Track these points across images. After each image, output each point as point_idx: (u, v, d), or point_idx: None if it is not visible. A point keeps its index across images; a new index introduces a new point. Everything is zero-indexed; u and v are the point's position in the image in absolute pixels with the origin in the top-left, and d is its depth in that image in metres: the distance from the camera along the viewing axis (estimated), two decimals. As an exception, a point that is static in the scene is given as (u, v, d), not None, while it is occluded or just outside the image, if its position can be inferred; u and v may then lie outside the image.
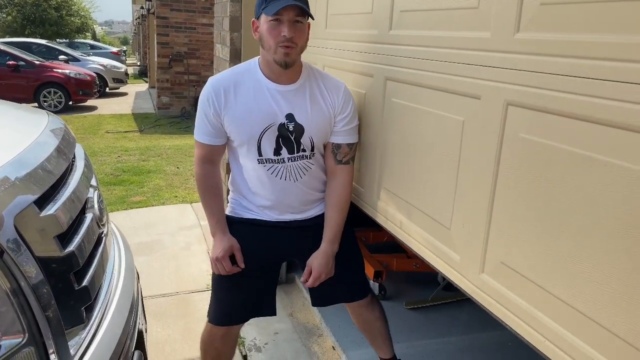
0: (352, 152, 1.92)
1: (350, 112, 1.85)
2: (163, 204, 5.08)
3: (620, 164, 0.97)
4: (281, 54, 1.67)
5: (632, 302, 0.96)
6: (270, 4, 1.65)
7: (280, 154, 1.80)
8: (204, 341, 2.04)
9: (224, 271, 1.88)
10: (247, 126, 1.77)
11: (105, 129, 9.18)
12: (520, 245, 1.23)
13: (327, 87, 1.83)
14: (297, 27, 1.67)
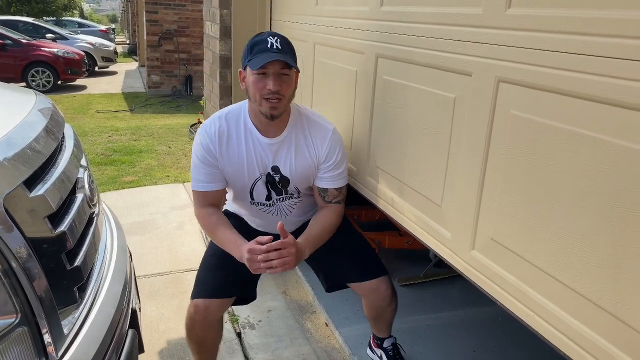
0: (341, 194, 1.91)
1: (335, 160, 1.83)
2: (155, 184, 5.06)
3: (609, 140, 0.98)
4: (267, 107, 1.67)
5: (619, 277, 0.97)
6: (256, 56, 1.64)
7: (270, 198, 1.91)
8: (186, 326, 2.03)
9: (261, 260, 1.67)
10: (239, 179, 1.85)
11: (95, 109, 9.09)
12: (510, 221, 1.24)
13: (312, 136, 1.82)
14: (283, 80, 1.67)
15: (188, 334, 2.03)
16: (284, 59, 1.62)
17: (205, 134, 1.79)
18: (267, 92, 1.64)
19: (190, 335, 2.03)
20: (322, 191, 1.89)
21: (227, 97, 3.03)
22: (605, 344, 1.01)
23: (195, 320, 1.96)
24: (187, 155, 6.15)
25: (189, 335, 2.04)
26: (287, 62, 1.63)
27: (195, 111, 8.74)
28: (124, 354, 1.58)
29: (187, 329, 2.02)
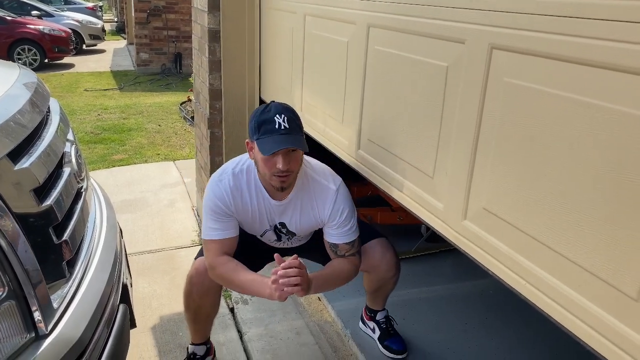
0: (353, 247, 1.91)
1: (340, 219, 1.84)
2: (145, 162, 5.02)
3: (604, 105, 0.96)
4: (277, 182, 1.73)
5: (613, 243, 0.97)
6: (264, 138, 1.64)
7: (280, 239, 2.02)
8: (185, 292, 2.04)
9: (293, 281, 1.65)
10: (249, 228, 1.94)
11: (84, 87, 8.96)
12: (503, 190, 1.23)
13: (316, 198, 1.84)
14: (292, 157, 1.68)
15: (186, 301, 2.04)
16: (293, 144, 1.64)
17: (221, 187, 1.81)
18: (277, 170, 1.67)
19: (187, 303, 2.04)
20: (332, 246, 1.90)
21: (217, 72, 2.98)
22: (597, 310, 1.01)
23: (193, 283, 1.97)
24: (177, 134, 6.10)
25: (186, 303, 2.05)
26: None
27: (185, 89, 8.64)
28: (116, 329, 1.57)
29: (186, 296, 2.03)
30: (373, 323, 2.42)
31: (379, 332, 2.39)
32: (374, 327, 2.42)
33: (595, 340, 1.03)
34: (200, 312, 2.06)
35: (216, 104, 3.06)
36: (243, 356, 2.38)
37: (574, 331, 1.07)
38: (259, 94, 3.07)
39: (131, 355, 2.35)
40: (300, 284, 1.62)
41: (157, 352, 2.40)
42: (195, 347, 2.19)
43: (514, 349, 2.40)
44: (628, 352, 0.97)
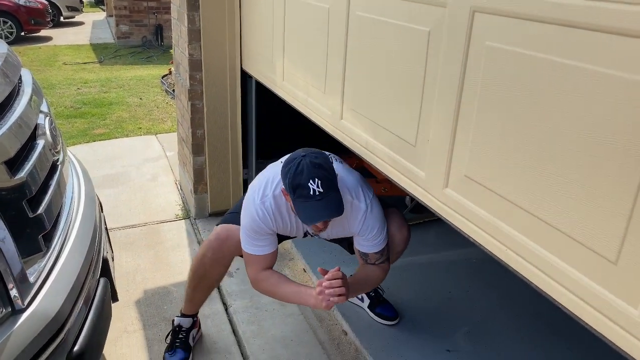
0: (383, 256, 1.93)
1: (371, 235, 1.86)
2: (127, 136, 4.94)
3: (584, 66, 0.95)
4: (315, 230, 1.86)
5: (591, 207, 0.97)
6: (300, 204, 1.63)
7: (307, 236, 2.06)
8: (196, 257, 2.04)
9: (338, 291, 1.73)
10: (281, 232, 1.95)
11: (63, 61, 8.74)
12: (484, 157, 1.22)
13: (348, 217, 1.83)
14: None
15: (196, 265, 2.04)
16: (330, 214, 1.63)
17: (264, 210, 1.82)
18: (316, 227, 1.79)
19: (196, 267, 2.04)
20: (363, 255, 1.93)
21: (196, 42, 2.91)
22: (576, 274, 1.02)
23: (211, 247, 1.99)
24: (159, 107, 6.00)
25: (195, 267, 2.05)
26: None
27: (167, 61, 8.48)
28: (96, 302, 1.56)
29: (197, 260, 2.03)
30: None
31: (369, 300, 2.41)
32: (362, 297, 2.43)
33: (574, 304, 1.04)
34: (205, 279, 2.07)
35: (196, 75, 2.99)
36: (228, 328, 2.39)
37: (554, 295, 1.08)
38: (241, 64, 3.01)
39: (115, 329, 2.35)
40: (344, 293, 1.70)
41: (142, 325, 2.39)
42: (182, 319, 2.19)
43: (498, 315, 2.44)
44: (606, 315, 0.97)
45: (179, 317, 2.20)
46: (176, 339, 2.16)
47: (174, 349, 2.13)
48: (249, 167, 3.38)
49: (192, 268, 2.08)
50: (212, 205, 3.32)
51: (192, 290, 2.12)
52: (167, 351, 2.15)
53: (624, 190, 0.90)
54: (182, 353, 2.13)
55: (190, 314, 2.20)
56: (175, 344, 2.15)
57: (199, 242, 3.10)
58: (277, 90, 2.54)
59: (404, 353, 2.19)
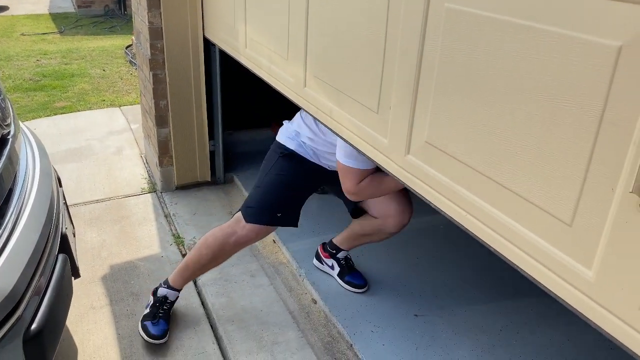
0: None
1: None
2: (90, 109, 4.80)
3: (543, 27, 0.93)
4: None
5: (548, 170, 0.97)
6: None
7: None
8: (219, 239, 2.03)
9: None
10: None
11: (21, 31, 8.39)
12: (444, 123, 1.21)
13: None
14: None
15: (219, 246, 2.03)
16: None
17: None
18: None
19: (218, 249, 2.04)
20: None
21: (156, 9, 2.81)
22: (533, 237, 1.02)
23: (237, 242, 2.01)
24: (123, 78, 5.83)
25: (218, 248, 2.04)
26: None
27: (131, 31, 8.21)
28: (55, 279, 1.52)
29: (220, 243, 2.03)
30: (332, 260, 2.44)
31: (339, 268, 2.42)
32: (333, 264, 2.44)
33: (531, 267, 1.05)
34: (217, 263, 2.10)
35: (157, 43, 2.90)
36: (197, 301, 2.38)
37: (512, 259, 1.09)
38: (203, 31, 2.92)
39: (81, 305, 2.31)
40: None
41: (109, 301, 2.36)
42: (169, 291, 2.17)
43: (465, 279, 2.48)
44: (562, 277, 0.98)
45: (166, 288, 2.17)
46: (160, 310, 2.14)
47: (157, 319, 2.11)
48: (215, 138, 3.32)
49: (210, 253, 2.05)
50: (178, 178, 3.26)
51: (200, 269, 2.12)
52: (149, 320, 2.12)
53: (578, 153, 0.90)
54: (164, 324, 2.12)
55: (179, 288, 2.18)
56: (159, 314, 2.13)
57: (166, 216, 3.05)
58: (240, 58, 2.48)
59: (372, 319, 2.22)
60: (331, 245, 2.46)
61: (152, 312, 2.14)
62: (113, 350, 2.08)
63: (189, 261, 2.12)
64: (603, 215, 0.88)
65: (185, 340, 2.14)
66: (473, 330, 2.17)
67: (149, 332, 2.08)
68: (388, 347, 2.08)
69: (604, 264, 0.90)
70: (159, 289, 2.18)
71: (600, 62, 0.85)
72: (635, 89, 0.80)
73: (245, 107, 3.62)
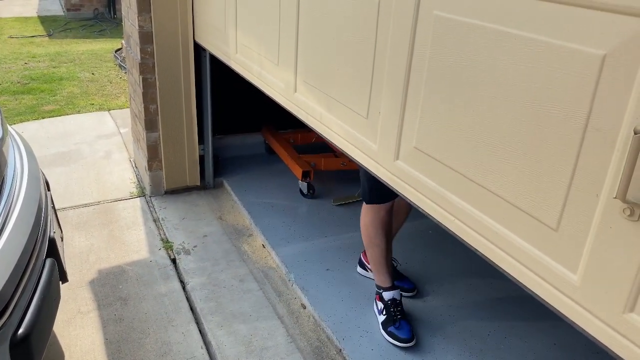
0: None
1: None
2: (79, 112, 4.77)
3: (529, 36, 0.95)
4: None
5: (535, 176, 0.98)
6: None
7: None
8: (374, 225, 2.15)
9: None
10: None
11: (8, 34, 8.32)
12: (432, 129, 1.22)
13: None
14: None
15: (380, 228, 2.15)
16: None
17: None
18: None
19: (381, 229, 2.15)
20: None
21: (147, 13, 2.81)
22: (519, 241, 1.04)
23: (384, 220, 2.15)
24: (112, 82, 5.80)
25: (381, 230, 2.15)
26: None
27: (120, 35, 8.18)
28: (42, 283, 1.51)
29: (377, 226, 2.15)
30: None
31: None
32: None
33: (518, 271, 1.06)
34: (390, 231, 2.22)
35: (147, 47, 2.89)
36: (186, 306, 2.37)
37: (499, 263, 1.10)
38: (193, 36, 2.92)
39: (69, 310, 2.30)
40: None
41: (97, 305, 2.34)
42: (390, 293, 2.20)
43: (452, 283, 2.49)
44: (548, 281, 1.00)
45: (386, 291, 2.19)
46: (396, 312, 2.16)
47: (397, 322, 2.13)
48: (205, 142, 3.31)
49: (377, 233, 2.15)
50: (167, 183, 3.25)
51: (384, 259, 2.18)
52: (391, 325, 2.14)
53: (563, 159, 0.92)
54: (405, 324, 2.14)
55: (391, 284, 2.21)
56: (397, 317, 2.15)
57: (155, 220, 3.04)
58: (231, 63, 2.48)
59: (361, 324, 2.22)
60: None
61: (389, 317, 2.16)
62: (100, 355, 2.06)
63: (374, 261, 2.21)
64: (588, 221, 0.90)
65: (174, 345, 2.13)
66: (461, 335, 2.19)
67: (399, 337, 2.10)
68: (377, 351, 2.09)
69: (589, 268, 0.91)
70: (382, 294, 2.20)
71: (585, 70, 0.86)
72: (618, 97, 0.82)
73: (235, 112, 3.63)
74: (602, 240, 0.88)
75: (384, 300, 2.20)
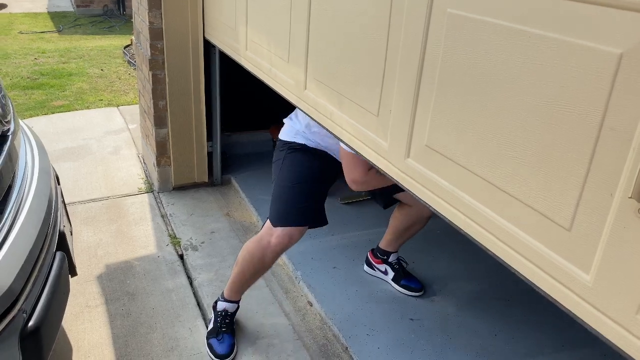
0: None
1: None
2: (87, 108, 4.79)
3: (545, 34, 0.94)
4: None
5: (548, 175, 0.98)
6: None
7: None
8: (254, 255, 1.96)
9: None
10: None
11: (19, 29, 8.37)
12: (444, 127, 1.22)
13: None
14: None
15: (258, 260, 1.95)
16: None
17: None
18: None
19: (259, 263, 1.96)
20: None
21: (157, 9, 2.81)
22: (532, 241, 1.03)
23: (275, 251, 1.91)
24: (120, 78, 5.82)
25: (258, 262, 1.96)
26: None
27: (129, 31, 8.22)
28: (52, 277, 1.52)
29: (258, 258, 1.94)
30: (385, 265, 2.45)
31: (393, 273, 2.42)
32: (386, 269, 2.44)
33: (530, 271, 1.05)
34: (263, 272, 2.03)
35: (157, 44, 2.90)
36: (193, 301, 2.38)
37: (511, 263, 1.09)
38: (203, 32, 2.93)
39: (77, 304, 2.31)
40: None
41: (104, 300, 2.35)
42: (227, 304, 2.12)
43: (461, 283, 2.49)
44: (560, 281, 0.99)
45: (223, 301, 2.13)
46: (222, 324, 2.10)
47: (221, 334, 2.08)
48: (213, 139, 3.32)
49: (248, 264, 1.99)
50: (175, 179, 3.26)
51: (247, 281, 2.06)
52: (214, 336, 2.09)
53: (577, 158, 0.91)
54: (229, 338, 2.08)
55: (236, 300, 2.13)
56: (222, 329, 2.09)
57: (162, 216, 3.05)
58: (240, 60, 2.48)
59: (368, 323, 2.22)
60: (380, 251, 2.46)
61: (215, 328, 2.11)
62: (108, 350, 2.08)
63: (234, 277, 2.07)
64: (602, 221, 0.89)
65: (181, 341, 2.14)
66: (468, 335, 2.18)
67: (215, 351, 2.05)
68: (383, 350, 2.09)
69: (602, 269, 0.90)
70: (217, 303, 2.14)
71: (601, 69, 0.86)
72: (635, 96, 0.81)
73: (244, 109, 3.63)
74: (616, 241, 0.87)
75: (217, 310, 2.13)
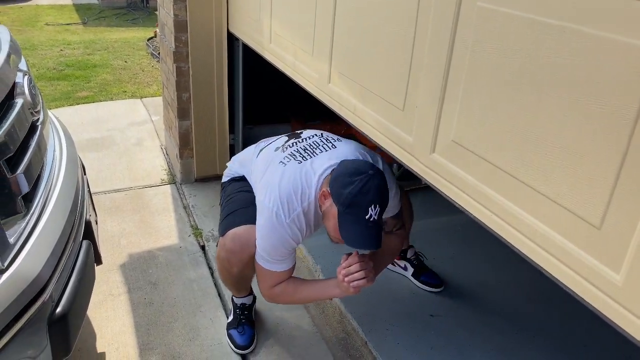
0: (399, 221, 1.93)
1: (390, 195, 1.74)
2: (111, 99, 4.85)
3: (579, 28, 0.92)
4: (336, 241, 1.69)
5: (579, 172, 0.96)
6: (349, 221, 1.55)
7: None
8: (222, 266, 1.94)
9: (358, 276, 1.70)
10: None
11: (45, 21, 8.50)
12: (472, 122, 1.20)
13: None
14: None
15: (227, 272, 1.93)
16: (374, 247, 1.60)
17: (297, 227, 1.69)
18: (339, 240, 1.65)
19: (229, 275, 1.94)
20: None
21: (182, 2, 2.83)
22: (561, 239, 1.02)
23: (233, 251, 1.83)
24: (144, 70, 5.88)
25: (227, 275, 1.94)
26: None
27: (152, 24, 8.28)
28: (79, 265, 1.54)
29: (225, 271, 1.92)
30: (404, 262, 2.44)
31: (412, 269, 2.41)
32: (406, 265, 2.43)
33: (558, 270, 1.04)
34: (242, 279, 2.00)
35: (182, 36, 2.92)
36: (214, 291, 2.40)
37: (538, 261, 1.08)
38: (227, 25, 2.94)
39: (100, 292, 2.35)
40: (365, 276, 1.68)
41: (127, 289, 2.39)
42: (242, 299, 2.14)
43: (482, 280, 2.47)
44: (589, 280, 0.98)
45: (238, 297, 2.14)
46: (242, 316, 2.13)
47: (241, 326, 2.11)
48: (235, 132, 3.34)
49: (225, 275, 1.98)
50: (198, 171, 3.29)
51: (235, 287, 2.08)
52: (234, 328, 2.11)
53: (610, 155, 0.90)
54: (250, 329, 2.11)
55: (247, 294, 2.15)
56: (242, 321, 2.12)
57: (185, 207, 3.08)
58: (264, 53, 2.49)
59: (387, 317, 2.22)
60: None
61: (235, 319, 2.14)
62: (130, 338, 2.11)
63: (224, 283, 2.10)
64: (633, 219, 0.88)
65: (202, 330, 2.16)
66: (488, 332, 2.16)
67: (236, 342, 2.08)
68: (403, 345, 2.08)
69: (633, 268, 0.89)
70: (233, 299, 2.17)
71: (635, 63, 0.84)
72: (673, 93, 0.79)
73: (266, 102, 3.63)
74: (649, 240, 0.85)
75: (235, 302, 2.14)
